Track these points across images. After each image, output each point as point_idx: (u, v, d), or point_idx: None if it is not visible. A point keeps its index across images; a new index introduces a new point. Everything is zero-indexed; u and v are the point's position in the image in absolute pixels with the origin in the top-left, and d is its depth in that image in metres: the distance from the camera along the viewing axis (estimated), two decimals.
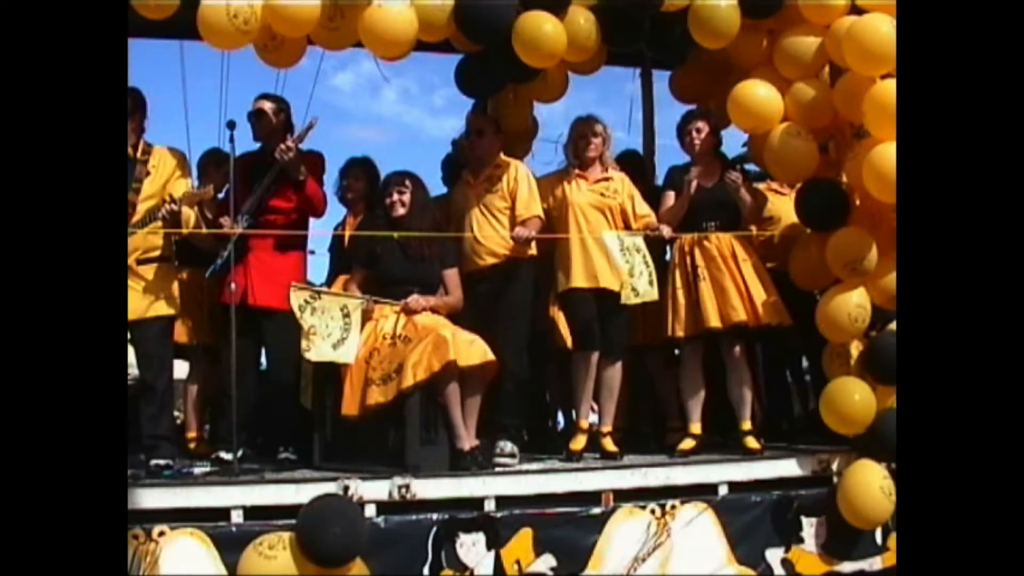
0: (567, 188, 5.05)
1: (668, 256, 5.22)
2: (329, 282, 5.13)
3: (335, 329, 4.45)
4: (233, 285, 4.49)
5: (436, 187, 5.42)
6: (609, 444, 4.97)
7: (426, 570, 4.05)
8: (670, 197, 5.20)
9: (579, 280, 4.92)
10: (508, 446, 4.72)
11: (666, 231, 5.01)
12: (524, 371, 4.98)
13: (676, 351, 5.40)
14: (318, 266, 5.68)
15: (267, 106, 4.89)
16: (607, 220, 4.98)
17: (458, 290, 4.82)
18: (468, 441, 4.39)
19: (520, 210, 4.92)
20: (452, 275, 4.81)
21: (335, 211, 5.29)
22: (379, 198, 4.92)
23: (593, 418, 5.20)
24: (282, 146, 4.65)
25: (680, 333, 5.06)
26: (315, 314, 4.40)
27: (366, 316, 4.57)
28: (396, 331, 4.52)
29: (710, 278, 5.00)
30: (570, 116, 5.26)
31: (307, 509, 3.89)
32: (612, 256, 4.77)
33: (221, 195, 4.86)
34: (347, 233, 5.19)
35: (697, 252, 5.06)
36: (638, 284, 4.77)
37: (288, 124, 4.96)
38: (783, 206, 5.54)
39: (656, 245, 5.05)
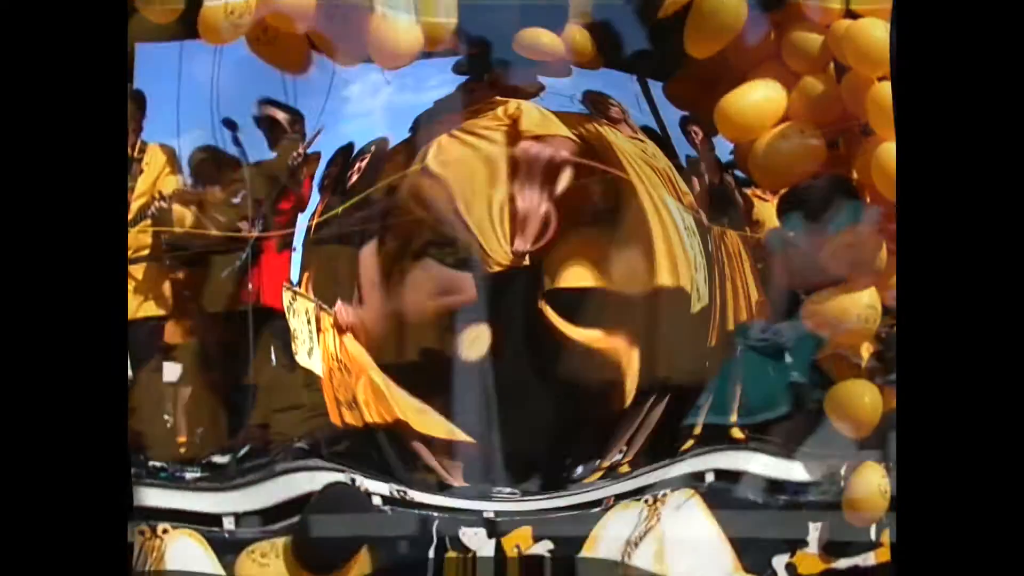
0: None
1: None
2: None
3: (305, 335, 4.07)
4: (249, 286, 4.48)
5: None
6: None
7: (431, 552, 4.05)
8: None
9: None
10: None
11: None
12: None
13: None
14: None
15: (280, 115, 4.91)
16: None
17: None
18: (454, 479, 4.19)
19: None
20: None
21: None
22: None
23: None
24: (294, 154, 4.66)
25: None
26: (294, 317, 4.08)
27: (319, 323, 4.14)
28: (336, 353, 4.08)
29: None
30: None
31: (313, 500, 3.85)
32: None
33: (237, 200, 4.86)
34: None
35: None
36: None
37: (301, 132, 4.98)
38: (765, 212, 5.53)
39: None
